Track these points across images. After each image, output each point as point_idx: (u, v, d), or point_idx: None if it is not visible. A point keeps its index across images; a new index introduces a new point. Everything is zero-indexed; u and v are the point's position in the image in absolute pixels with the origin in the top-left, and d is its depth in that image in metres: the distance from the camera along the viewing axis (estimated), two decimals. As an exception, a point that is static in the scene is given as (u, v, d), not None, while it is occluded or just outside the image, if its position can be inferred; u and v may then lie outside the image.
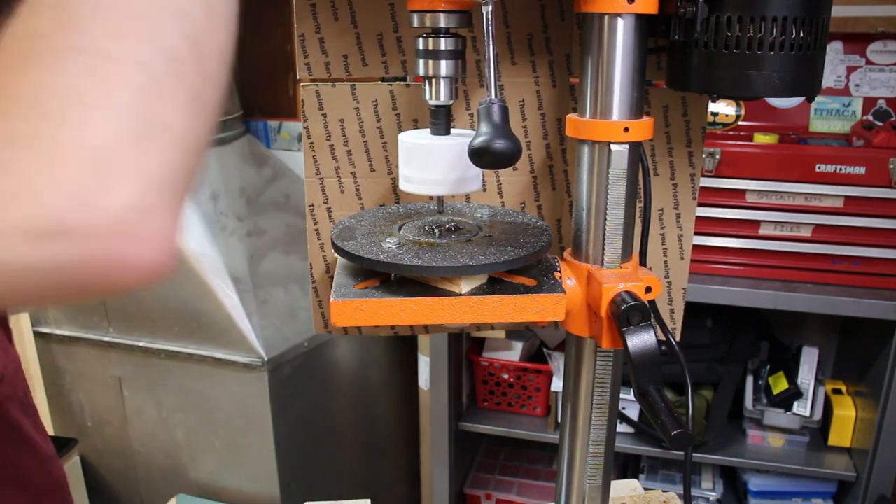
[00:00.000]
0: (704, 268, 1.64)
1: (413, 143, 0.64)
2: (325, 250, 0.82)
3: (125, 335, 1.73)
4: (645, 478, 1.93)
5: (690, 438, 0.57)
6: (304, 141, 0.78)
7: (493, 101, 0.55)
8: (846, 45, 1.71)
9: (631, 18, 0.58)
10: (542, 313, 0.61)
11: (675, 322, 0.84)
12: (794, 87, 0.58)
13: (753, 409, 1.79)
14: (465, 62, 0.64)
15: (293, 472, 1.76)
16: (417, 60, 0.63)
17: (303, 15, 0.73)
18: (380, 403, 2.11)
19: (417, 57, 0.63)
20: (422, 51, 0.62)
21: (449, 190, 0.64)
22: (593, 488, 0.71)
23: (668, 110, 0.76)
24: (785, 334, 1.94)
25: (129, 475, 1.88)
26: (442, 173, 0.64)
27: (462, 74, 0.64)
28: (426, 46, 0.62)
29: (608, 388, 0.68)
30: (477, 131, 0.55)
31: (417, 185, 0.65)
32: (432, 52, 0.62)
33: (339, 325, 0.61)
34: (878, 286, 1.57)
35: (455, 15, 0.60)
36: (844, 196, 1.53)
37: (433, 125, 0.65)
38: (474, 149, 0.54)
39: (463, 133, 0.66)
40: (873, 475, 1.63)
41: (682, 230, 0.80)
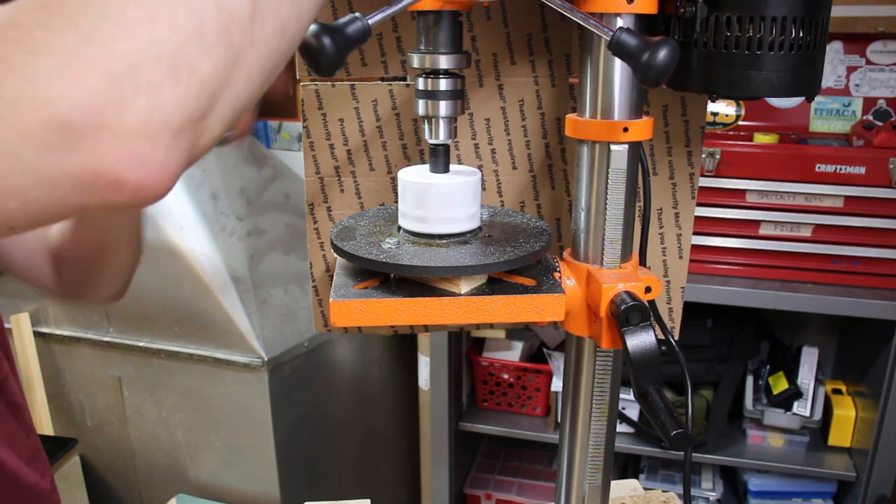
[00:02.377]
0: (704, 268, 1.64)
1: (411, 181, 0.64)
2: (325, 250, 0.82)
3: (125, 335, 1.73)
4: (645, 478, 1.93)
5: (690, 438, 0.57)
6: (304, 141, 0.78)
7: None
8: (846, 45, 1.71)
9: (630, 18, 0.58)
10: (541, 313, 0.61)
11: (674, 321, 0.84)
12: (794, 87, 0.58)
13: (753, 409, 1.79)
14: (463, 102, 0.64)
15: (293, 472, 1.76)
16: (417, 100, 0.63)
17: (302, 15, 0.73)
18: (380, 403, 2.11)
19: (417, 97, 0.63)
20: (421, 91, 0.62)
21: (446, 229, 0.64)
22: (593, 488, 0.71)
23: (668, 110, 0.76)
24: (785, 334, 1.95)
25: (129, 475, 1.88)
26: (438, 212, 0.64)
27: (461, 113, 0.64)
28: (426, 87, 0.62)
29: (608, 388, 0.68)
30: None
31: (413, 222, 0.65)
32: (431, 93, 0.62)
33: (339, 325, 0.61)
34: (878, 286, 1.57)
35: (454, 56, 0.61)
36: (844, 196, 1.53)
37: (432, 163, 0.65)
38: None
39: (461, 171, 0.66)
40: (873, 475, 1.63)
41: (680, 230, 0.80)
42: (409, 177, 0.65)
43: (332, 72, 0.51)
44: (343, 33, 0.51)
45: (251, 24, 0.39)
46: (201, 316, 1.65)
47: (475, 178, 0.65)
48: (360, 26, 0.52)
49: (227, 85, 0.38)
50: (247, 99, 0.41)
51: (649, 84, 0.52)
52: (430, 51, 0.61)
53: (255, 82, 0.41)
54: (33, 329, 1.78)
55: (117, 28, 0.34)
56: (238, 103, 0.40)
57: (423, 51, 0.61)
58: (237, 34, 0.38)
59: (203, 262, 1.63)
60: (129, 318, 1.72)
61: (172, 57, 0.35)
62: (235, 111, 0.40)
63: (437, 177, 0.65)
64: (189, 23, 0.36)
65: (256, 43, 0.39)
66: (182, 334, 1.67)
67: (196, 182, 1.72)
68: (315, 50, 0.50)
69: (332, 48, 0.50)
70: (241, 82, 0.39)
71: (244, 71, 0.39)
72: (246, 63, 0.39)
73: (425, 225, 0.64)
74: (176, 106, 0.36)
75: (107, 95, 0.34)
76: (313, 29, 0.50)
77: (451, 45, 0.61)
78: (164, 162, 0.36)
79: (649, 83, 0.51)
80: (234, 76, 0.39)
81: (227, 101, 0.39)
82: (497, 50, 0.75)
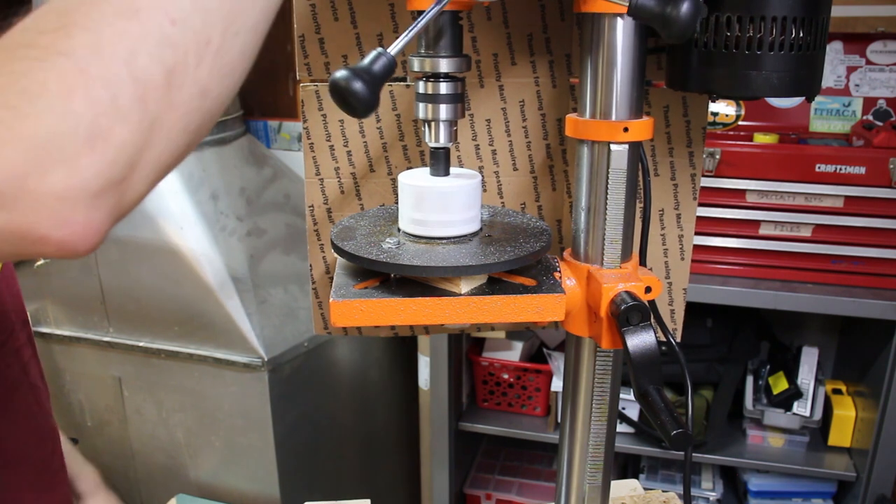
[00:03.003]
0: (704, 268, 1.64)
1: (411, 184, 0.64)
2: (325, 250, 0.82)
3: (125, 335, 1.73)
4: (645, 478, 1.93)
5: (690, 438, 0.57)
6: (304, 141, 0.78)
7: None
8: (846, 45, 1.71)
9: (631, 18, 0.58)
10: (541, 313, 0.61)
11: (676, 323, 0.84)
12: (794, 87, 0.58)
13: (753, 409, 1.79)
14: (464, 105, 0.64)
15: (293, 472, 1.76)
16: (417, 104, 0.63)
17: (303, 15, 0.73)
18: (380, 403, 2.11)
19: (417, 100, 0.63)
20: (422, 94, 0.62)
21: (446, 232, 0.64)
22: (593, 488, 0.71)
23: (669, 110, 0.76)
24: (785, 334, 1.95)
25: (129, 475, 1.88)
26: (439, 215, 0.64)
27: (461, 116, 0.64)
28: (426, 90, 0.62)
29: (608, 388, 0.68)
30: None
31: (413, 225, 0.65)
32: (432, 97, 0.62)
33: (339, 326, 0.61)
34: (878, 286, 1.57)
35: (455, 60, 0.61)
36: (844, 196, 1.53)
37: (433, 166, 0.65)
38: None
39: (462, 174, 0.66)
40: (873, 475, 1.63)
41: (682, 231, 0.80)
42: (409, 180, 0.65)
43: (369, 113, 0.52)
44: (371, 73, 0.52)
45: (167, 91, 0.41)
46: (201, 316, 1.65)
47: (475, 182, 0.65)
48: (385, 62, 0.53)
49: (147, 148, 0.41)
50: (173, 157, 0.44)
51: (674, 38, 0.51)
52: (430, 54, 0.61)
53: (179, 142, 0.43)
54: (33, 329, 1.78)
55: (38, 102, 0.38)
56: (162, 162, 0.43)
57: (423, 54, 0.62)
58: (153, 102, 0.40)
59: (203, 262, 1.63)
60: (129, 318, 1.72)
61: (88, 127, 0.38)
62: (161, 169, 0.43)
63: (437, 180, 0.65)
64: (104, 95, 0.39)
65: (175, 107, 0.42)
66: (182, 334, 1.67)
67: (196, 182, 1.72)
68: (348, 95, 0.51)
69: (364, 91, 0.51)
70: (162, 144, 0.42)
71: (164, 134, 0.42)
72: (165, 127, 0.42)
73: (425, 228, 0.64)
74: (93, 172, 0.39)
75: (28, 164, 0.37)
76: (343, 74, 0.51)
77: (452, 48, 0.61)
78: (86, 222, 0.40)
79: (674, 37, 0.50)
80: (153, 140, 0.41)
81: (148, 162, 0.42)
82: (497, 50, 0.75)
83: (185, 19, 0.41)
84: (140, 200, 0.44)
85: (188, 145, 0.45)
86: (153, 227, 1.65)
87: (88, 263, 1.70)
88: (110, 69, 0.39)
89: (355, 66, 0.51)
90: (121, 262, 1.68)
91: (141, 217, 1.66)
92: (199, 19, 0.42)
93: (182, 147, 0.44)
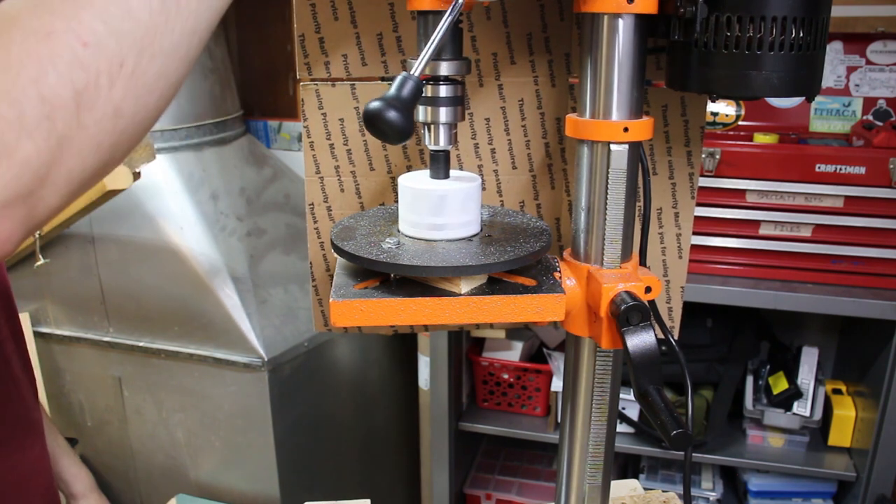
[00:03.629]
0: (704, 268, 1.64)
1: (411, 187, 0.64)
2: (325, 250, 0.82)
3: (125, 335, 1.73)
4: (645, 478, 1.93)
5: (690, 438, 0.57)
6: (304, 140, 0.78)
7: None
8: (846, 45, 1.71)
9: (630, 18, 0.58)
10: (541, 313, 0.61)
11: (674, 321, 0.84)
12: (794, 87, 0.58)
13: (753, 409, 1.79)
14: (464, 108, 0.64)
15: (293, 472, 1.76)
16: (417, 106, 0.63)
17: (303, 15, 0.73)
18: (380, 403, 2.11)
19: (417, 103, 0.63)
20: (422, 97, 0.62)
21: (445, 235, 0.64)
22: (593, 488, 0.71)
23: (667, 110, 0.76)
24: (785, 334, 1.95)
25: (129, 475, 1.88)
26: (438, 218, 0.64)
27: (461, 119, 0.64)
28: (426, 93, 0.62)
29: (608, 388, 0.68)
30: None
31: (413, 227, 0.65)
32: (431, 100, 0.62)
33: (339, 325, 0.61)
34: (878, 286, 1.57)
35: (455, 63, 0.61)
36: (844, 196, 1.53)
37: (432, 169, 0.65)
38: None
39: (461, 176, 0.66)
40: (873, 475, 1.63)
41: (680, 229, 0.80)
42: (409, 182, 0.65)
43: (407, 138, 0.54)
44: (402, 99, 0.53)
45: (77, 111, 0.42)
46: (201, 316, 1.65)
47: (475, 184, 0.65)
48: (413, 85, 0.54)
49: (55, 164, 0.42)
50: (87, 173, 0.45)
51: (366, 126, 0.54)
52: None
53: (92, 159, 0.44)
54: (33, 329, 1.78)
55: None
56: (74, 178, 0.44)
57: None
58: (61, 120, 0.42)
59: (203, 262, 1.63)
60: (129, 318, 1.72)
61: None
62: (75, 184, 0.45)
63: (437, 182, 0.65)
64: (10, 112, 0.40)
65: (85, 126, 0.43)
66: (182, 334, 1.67)
67: (196, 182, 1.72)
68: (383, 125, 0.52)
69: (399, 119, 0.53)
70: (73, 161, 0.43)
71: (74, 151, 0.43)
72: (75, 145, 0.43)
73: (425, 231, 0.65)
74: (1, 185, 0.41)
75: None
76: (375, 106, 0.52)
77: (451, 51, 0.61)
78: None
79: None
80: (62, 157, 0.43)
81: (58, 177, 0.43)
82: (497, 50, 0.75)
83: (98, 42, 0.43)
84: (56, 212, 0.45)
85: (104, 163, 0.46)
86: (153, 227, 1.65)
87: (88, 263, 1.70)
88: (17, 87, 0.40)
89: (386, 96, 0.53)
90: (121, 262, 1.68)
91: (141, 217, 1.66)
92: (114, 42, 0.43)
93: (96, 164, 0.45)
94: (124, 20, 0.44)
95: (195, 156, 1.75)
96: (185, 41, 0.48)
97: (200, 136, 1.77)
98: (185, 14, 0.47)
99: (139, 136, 0.48)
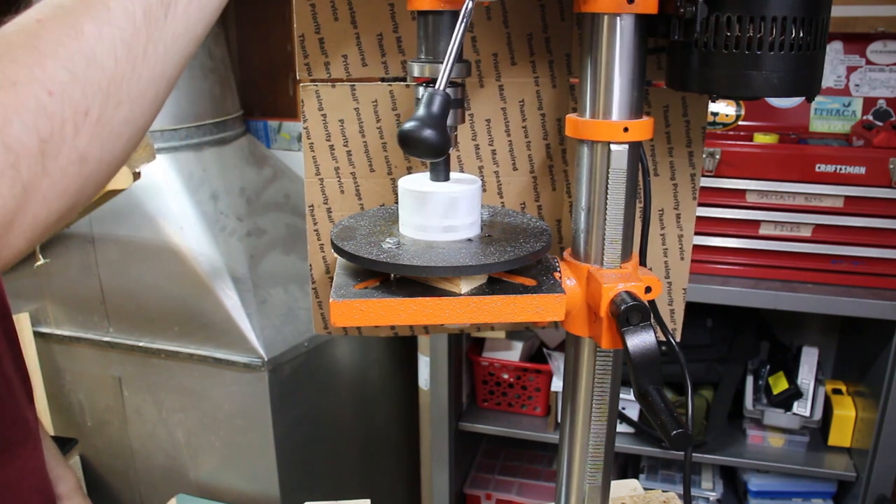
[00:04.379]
0: (704, 268, 1.64)
1: (411, 189, 0.64)
2: (325, 250, 0.82)
3: (125, 335, 1.73)
4: (645, 478, 1.93)
5: (690, 438, 0.57)
6: (304, 141, 0.78)
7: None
8: (846, 45, 1.71)
9: (631, 18, 0.58)
10: (541, 313, 0.61)
11: (676, 322, 0.84)
12: (794, 87, 0.58)
13: (753, 409, 1.79)
14: (464, 111, 0.64)
15: (293, 472, 1.76)
16: None
17: (303, 15, 0.73)
18: (380, 403, 2.11)
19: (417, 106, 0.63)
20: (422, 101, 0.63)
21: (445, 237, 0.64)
22: (593, 488, 0.71)
23: (668, 110, 0.76)
24: (785, 334, 1.94)
25: (129, 475, 1.88)
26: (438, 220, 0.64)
27: (462, 122, 0.64)
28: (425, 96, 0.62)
29: (608, 388, 0.68)
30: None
31: (413, 230, 0.65)
32: None
33: (339, 326, 0.61)
34: (878, 286, 1.57)
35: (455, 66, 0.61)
36: (844, 196, 1.53)
37: (432, 171, 0.65)
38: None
39: (461, 179, 0.66)
40: (873, 475, 1.63)
41: (682, 230, 0.80)
42: (409, 185, 0.65)
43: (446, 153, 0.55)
44: (434, 116, 0.54)
45: (42, 159, 0.42)
46: (201, 316, 1.65)
47: (475, 187, 0.65)
48: (441, 100, 0.55)
49: (21, 211, 0.43)
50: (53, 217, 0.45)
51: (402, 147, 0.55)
52: (430, 60, 0.61)
53: (58, 204, 0.45)
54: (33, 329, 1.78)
55: None
56: (40, 223, 0.44)
57: (423, 60, 0.61)
58: (26, 168, 0.42)
59: (203, 262, 1.63)
60: (129, 318, 1.72)
61: None
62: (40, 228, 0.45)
63: (437, 185, 0.65)
64: None
65: (50, 173, 0.43)
66: (182, 334, 1.67)
67: (196, 182, 1.72)
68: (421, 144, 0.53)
69: (435, 136, 0.53)
70: (38, 206, 0.43)
71: (39, 198, 0.43)
72: (40, 191, 0.43)
73: (425, 233, 0.65)
74: None
75: None
76: (411, 126, 0.53)
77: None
78: None
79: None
80: (27, 203, 0.43)
81: (24, 222, 0.43)
82: (497, 50, 0.75)
83: (63, 91, 0.43)
84: (22, 254, 0.45)
85: (70, 206, 0.46)
86: (153, 227, 1.65)
87: (88, 263, 1.70)
88: None
89: (417, 116, 0.54)
90: (121, 262, 1.68)
91: (141, 217, 1.66)
92: (79, 91, 0.43)
93: (62, 208, 0.45)
94: (89, 68, 0.44)
95: (195, 156, 1.75)
96: (153, 87, 0.48)
97: (200, 136, 1.77)
98: (152, 61, 0.47)
99: (106, 179, 0.48)
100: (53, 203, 0.44)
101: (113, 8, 0.45)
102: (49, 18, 0.44)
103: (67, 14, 0.45)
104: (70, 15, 0.45)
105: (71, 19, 0.44)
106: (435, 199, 0.64)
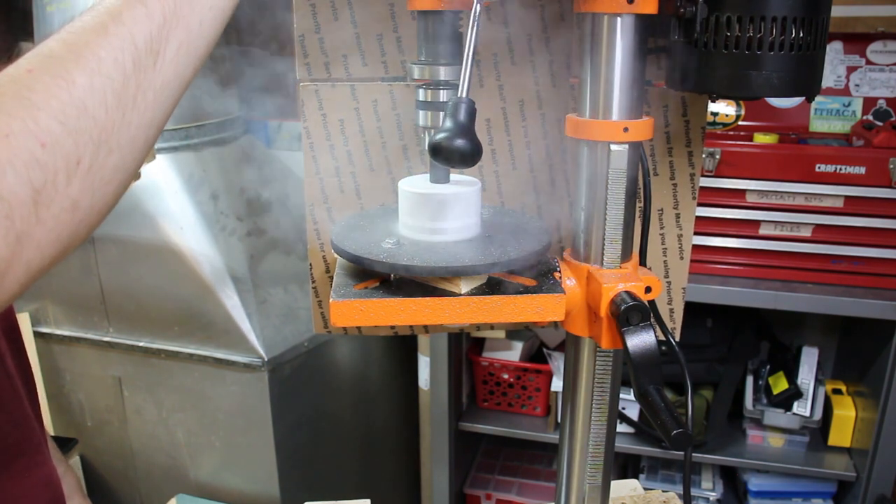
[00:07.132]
0: (704, 268, 1.64)
1: (411, 191, 0.64)
2: (325, 250, 0.82)
3: (125, 335, 1.73)
4: (645, 478, 1.93)
5: (690, 438, 0.57)
6: (304, 141, 0.78)
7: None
8: (846, 45, 1.71)
9: (631, 18, 0.58)
10: (541, 313, 0.61)
11: (675, 322, 0.84)
12: (794, 87, 0.58)
13: (753, 409, 1.79)
14: None
15: (293, 472, 1.76)
16: (417, 111, 0.63)
17: (302, 15, 0.73)
18: (380, 403, 2.11)
19: (418, 108, 0.63)
20: (422, 102, 0.63)
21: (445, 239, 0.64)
22: (593, 488, 0.71)
23: (668, 110, 0.76)
24: (785, 334, 1.94)
25: (129, 475, 1.88)
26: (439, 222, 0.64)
27: None
28: (426, 98, 0.62)
29: (608, 388, 0.68)
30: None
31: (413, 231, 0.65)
32: (432, 105, 0.63)
33: (339, 325, 0.61)
34: (878, 286, 1.57)
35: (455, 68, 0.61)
36: (844, 196, 1.53)
37: (433, 173, 0.65)
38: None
39: (461, 180, 0.66)
40: (873, 475, 1.63)
41: (681, 230, 0.80)
42: (409, 186, 0.65)
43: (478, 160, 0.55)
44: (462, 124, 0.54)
45: (35, 209, 0.43)
46: (201, 316, 1.64)
47: (475, 189, 0.65)
48: (466, 107, 0.56)
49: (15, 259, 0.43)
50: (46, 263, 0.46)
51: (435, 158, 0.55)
52: (430, 62, 0.61)
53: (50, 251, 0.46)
54: (33, 329, 1.78)
55: None
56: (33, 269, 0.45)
57: (423, 62, 0.62)
58: (19, 219, 0.43)
59: (203, 262, 1.63)
60: (129, 318, 1.72)
61: None
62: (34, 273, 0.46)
63: (437, 187, 0.65)
64: None
65: (43, 222, 0.44)
66: (182, 334, 1.67)
67: (196, 182, 1.72)
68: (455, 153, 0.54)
69: (467, 145, 0.54)
70: (31, 254, 0.44)
71: (33, 245, 0.44)
72: (34, 239, 0.44)
73: (425, 235, 0.65)
74: None
75: None
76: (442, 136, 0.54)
77: (451, 55, 0.61)
78: None
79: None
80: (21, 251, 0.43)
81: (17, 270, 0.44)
82: (497, 50, 0.75)
83: (56, 142, 0.43)
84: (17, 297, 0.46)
85: (63, 250, 0.47)
86: (153, 227, 1.65)
87: (88, 263, 1.70)
88: None
89: (446, 126, 0.54)
90: (121, 262, 1.68)
91: (141, 217, 1.66)
92: (71, 141, 0.44)
93: (55, 253, 0.46)
94: (81, 119, 0.44)
95: (195, 156, 1.75)
96: (143, 133, 0.48)
97: (200, 136, 1.77)
98: (141, 108, 0.48)
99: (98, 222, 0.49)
100: (47, 249, 0.45)
101: (103, 58, 0.46)
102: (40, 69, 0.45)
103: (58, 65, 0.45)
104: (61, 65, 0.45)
105: (62, 70, 0.45)
106: (435, 201, 0.64)
